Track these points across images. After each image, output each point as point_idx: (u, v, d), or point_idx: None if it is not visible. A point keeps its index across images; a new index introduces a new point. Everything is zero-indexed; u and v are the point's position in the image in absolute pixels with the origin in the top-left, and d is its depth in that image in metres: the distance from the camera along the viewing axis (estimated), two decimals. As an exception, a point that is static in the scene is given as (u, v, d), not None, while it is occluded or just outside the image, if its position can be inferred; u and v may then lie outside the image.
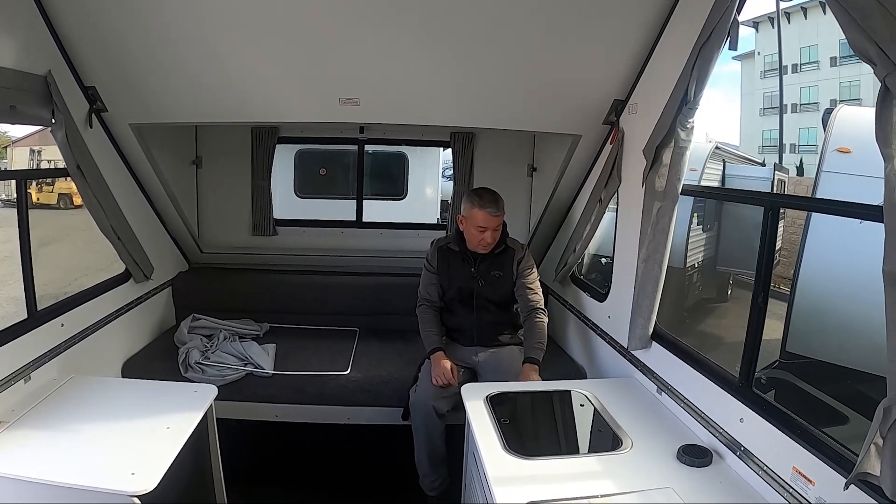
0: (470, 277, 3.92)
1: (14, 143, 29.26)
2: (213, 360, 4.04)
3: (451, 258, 3.98)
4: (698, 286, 10.59)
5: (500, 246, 3.88)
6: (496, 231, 3.77)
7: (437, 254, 4.02)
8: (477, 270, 3.91)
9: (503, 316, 4.04)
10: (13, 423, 2.75)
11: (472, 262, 3.91)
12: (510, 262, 3.92)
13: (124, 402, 3.03)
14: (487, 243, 3.79)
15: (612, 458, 2.67)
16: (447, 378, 3.66)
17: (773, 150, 27.85)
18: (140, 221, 4.24)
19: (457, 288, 3.98)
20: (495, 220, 3.72)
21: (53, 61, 3.29)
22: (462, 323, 4.04)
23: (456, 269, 3.96)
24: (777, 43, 27.30)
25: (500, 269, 3.92)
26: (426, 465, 3.77)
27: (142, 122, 3.94)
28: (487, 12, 3.26)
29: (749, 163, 13.61)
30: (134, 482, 2.33)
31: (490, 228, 3.73)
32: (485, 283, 3.92)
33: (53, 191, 19.65)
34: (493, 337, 4.02)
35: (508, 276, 3.91)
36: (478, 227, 3.73)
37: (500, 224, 3.78)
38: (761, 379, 4.88)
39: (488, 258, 3.89)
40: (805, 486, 2.18)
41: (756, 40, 35.38)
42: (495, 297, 3.96)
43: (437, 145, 5.88)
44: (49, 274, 3.32)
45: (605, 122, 3.91)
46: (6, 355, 2.92)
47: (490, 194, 3.76)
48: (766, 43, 33.76)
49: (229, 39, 3.44)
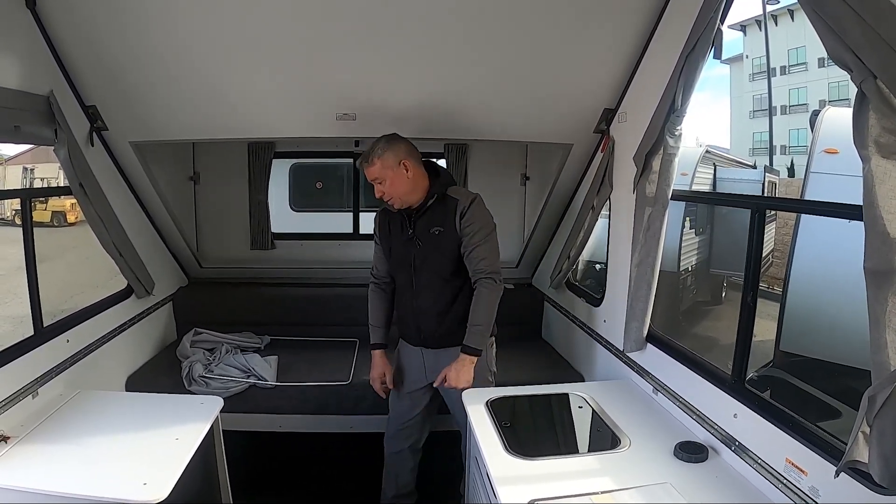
0: (407, 240, 3.32)
1: (6, 161, 29.20)
2: (217, 372, 4.09)
3: (391, 220, 3.43)
4: (693, 289, 10.64)
5: (431, 195, 3.26)
6: (380, 183, 3.18)
7: (380, 220, 3.53)
8: (414, 230, 3.30)
9: (455, 298, 3.35)
10: (23, 437, 2.79)
11: (409, 222, 3.31)
12: (451, 214, 3.24)
13: (132, 415, 3.08)
14: (383, 198, 3.25)
15: (611, 456, 2.73)
16: (375, 389, 3.51)
17: (764, 152, 27.93)
18: (141, 237, 4.29)
19: (397, 258, 3.41)
20: (366, 172, 3.21)
21: (55, 81, 3.35)
22: (405, 308, 3.47)
23: (395, 232, 3.40)
24: (764, 45, 27.44)
25: (441, 224, 3.25)
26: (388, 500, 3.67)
27: (141, 140, 3.99)
28: (479, 28, 3.33)
29: (739, 166, 13.69)
30: (146, 492, 2.37)
31: (371, 182, 3.22)
32: (424, 245, 3.28)
33: (47, 208, 19.68)
34: (441, 330, 3.37)
35: (451, 234, 3.23)
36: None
37: (375, 176, 3.17)
38: (757, 378, 4.96)
39: (426, 213, 3.28)
40: (798, 476, 2.25)
41: (744, 43, 35.53)
42: (440, 265, 3.29)
43: (431, 157, 5.94)
44: (45, 291, 3.35)
45: (596, 131, 3.97)
46: (14, 372, 2.97)
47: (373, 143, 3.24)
48: (754, 46, 33.87)
49: (226, 57, 3.50)
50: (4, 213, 21.17)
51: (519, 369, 4.25)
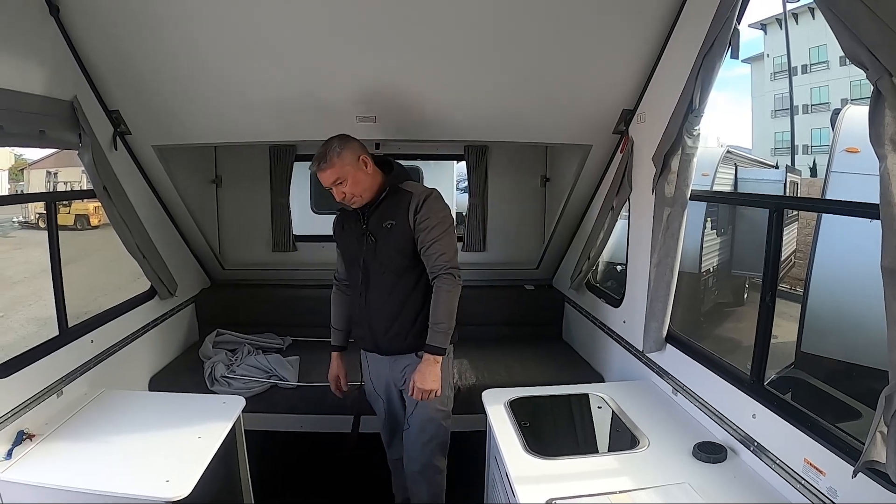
0: (360, 235, 3.19)
1: (30, 165, 29.56)
2: (239, 373, 4.13)
3: (346, 218, 3.34)
4: (714, 291, 10.55)
5: (383, 189, 3.14)
6: (341, 184, 3.05)
7: (337, 219, 3.43)
8: (367, 224, 3.18)
9: (407, 298, 3.18)
10: (47, 435, 2.86)
11: (362, 217, 3.20)
12: (404, 207, 3.11)
13: (155, 414, 3.13)
14: (346, 199, 3.10)
15: (630, 456, 2.74)
16: (333, 390, 3.55)
17: (787, 152, 27.67)
18: (164, 240, 4.35)
19: (350, 255, 3.31)
20: (323, 175, 3.05)
21: (79, 87, 3.41)
22: (357, 307, 3.34)
23: (349, 229, 3.29)
24: (785, 44, 27.19)
25: (393, 218, 3.12)
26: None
27: (164, 144, 4.04)
28: (499, 30, 3.34)
29: (761, 166, 13.57)
30: (169, 489, 2.43)
31: (330, 186, 3.08)
32: (377, 241, 3.15)
33: (70, 212, 19.80)
34: (392, 332, 3.21)
35: (403, 227, 3.10)
36: (326, 188, 3.12)
37: (336, 177, 3.03)
38: (778, 380, 4.92)
39: (378, 207, 3.16)
40: (816, 476, 2.25)
41: (764, 42, 35.17)
42: (391, 260, 3.14)
43: (451, 159, 5.95)
44: (68, 294, 3.42)
45: (615, 132, 3.96)
46: (39, 371, 3.03)
47: (320, 148, 3.09)
48: (775, 44, 33.54)
49: (247, 62, 3.53)
50: (29, 216, 21.42)
51: (539, 370, 4.29)
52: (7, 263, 14.54)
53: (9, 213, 20.92)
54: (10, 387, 2.82)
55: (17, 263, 14.20)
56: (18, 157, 31.58)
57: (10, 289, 12.54)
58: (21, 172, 30.80)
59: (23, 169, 30.95)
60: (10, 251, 16.27)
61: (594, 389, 3.46)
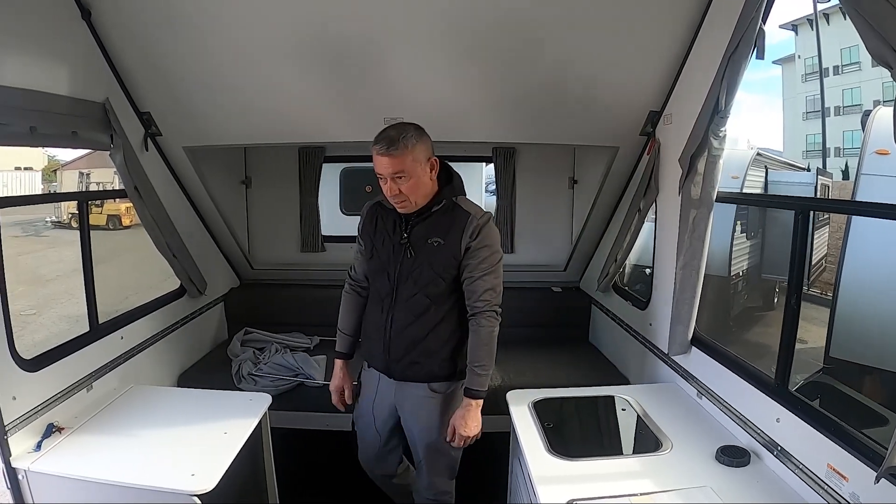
0: (398, 245, 2.86)
1: (63, 166, 29.97)
2: (266, 371, 4.18)
3: (382, 218, 2.96)
4: (744, 295, 10.45)
5: (439, 201, 2.82)
6: (401, 179, 2.68)
7: (368, 212, 3.06)
8: (409, 235, 2.84)
9: (435, 326, 2.88)
10: (77, 428, 2.93)
11: (405, 225, 2.85)
12: (458, 228, 2.79)
13: (183, 409, 3.19)
14: (396, 197, 2.74)
15: (652, 459, 2.74)
16: (334, 402, 3.21)
17: (818, 154, 27.32)
18: (194, 240, 4.42)
19: (380, 262, 2.93)
20: (387, 161, 2.65)
21: (110, 89, 3.50)
22: (374, 323, 3.00)
23: (384, 233, 2.93)
24: (816, 45, 26.86)
25: (442, 236, 2.79)
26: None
27: (194, 145, 4.11)
28: (526, 31, 3.35)
29: (792, 168, 13.43)
30: (194, 482, 2.48)
31: (387, 176, 2.69)
32: (416, 255, 2.83)
33: (102, 212, 20.10)
34: (409, 358, 2.91)
35: (453, 249, 2.78)
36: (378, 174, 2.74)
37: (401, 169, 2.66)
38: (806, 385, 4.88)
39: (427, 219, 2.83)
40: (839, 482, 2.24)
41: (796, 43, 34.74)
42: (429, 282, 2.83)
43: (479, 161, 5.96)
44: (100, 293, 3.48)
45: (642, 134, 3.94)
46: (70, 366, 3.11)
47: (389, 128, 2.70)
48: (806, 45, 33.09)
49: (276, 64, 3.58)
50: (61, 216, 21.74)
51: (565, 372, 4.29)
52: (40, 262, 14.77)
53: (42, 213, 21.25)
54: (41, 381, 2.89)
55: (50, 262, 14.43)
56: (52, 158, 32.11)
57: (44, 287, 12.75)
58: (54, 173, 31.28)
59: (56, 170, 31.42)
60: (43, 250, 16.53)
61: (619, 392, 3.45)
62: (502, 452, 3.44)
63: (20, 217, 19.45)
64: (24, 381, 2.78)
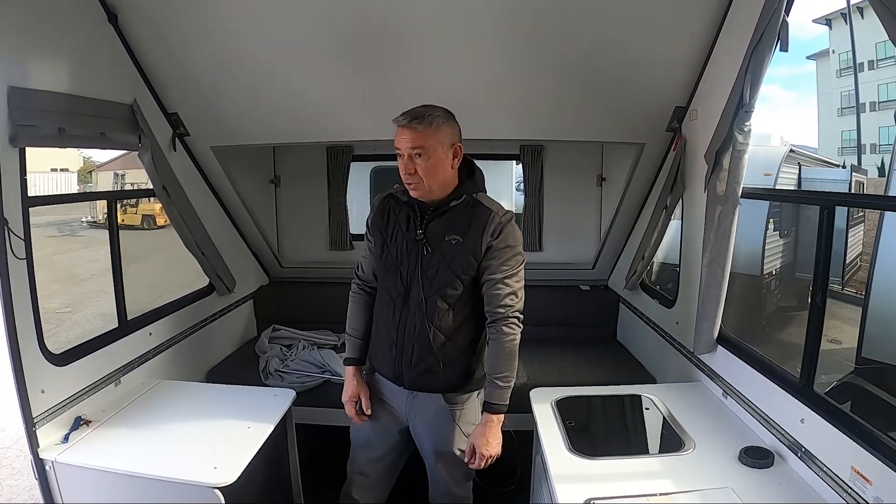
0: (413, 241, 2.65)
1: (99, 167, 30.40)
2: (293, 367, 4.21)
3: (395, 212, 2.75)
4: (777, 294, 10.33)
5: (458, 196, 2.64)
6: (420, 157, 2.52)
7: (379, 205, 2.83)
8: (424, 231, 2.64)
9: (452, 332, 2.68)
10: (104, 422, 3.01)
11: (420, 220, 2.66)
12: (479, 225, 2.60)
13: (208, 404, 3.25)
14: (410, 177, 2.57)
15: (674, 459, 2.71)
16: (349, 413, 2.92)
17: (853, 151, 26.88)
18: (223, 238, 4.48)
19: (392, 259, 2.70)
20: (408, 135, 2.51)
21: (138, 91, 3.56)
22: (385, 326, 2.78)
23: (397, 227, 2.71)
24: (850, 39, 26.43)
25: (461, 234, 2.60)
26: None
27: (222, 145, 4.16)
28: (551, 28, 3.35)
29: (825, 165, 13.24)
30: (216, 475, 2.54)
31: (405, 151, 2.53)
32: (433, 253, 2.62)
33: (137, 212, 20.39)
34: (423, 367, 2.70)
35: (472, 247, 2.59)
36: (396, 150, 2.58)
37: (420, 145, 2.50)
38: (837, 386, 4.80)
39: (445, 214, 2.63)
40: (863, 485, 2.20)
41: (829, 38, 34.17)
42: (446, 282, 2.61)
43: (508, 159, 5.95)
44: (134, 291, 3.55)
45: (668, 130, 3.91)
46: (98, 360, 3.19)
47: (418, 106, 2.58)
48: (840, 40, 32.55)
49: (301, 64, 3.62)
50: (97, 216, 22.05)
51: (591, 370, 4.28)
52: (76, 262, 14.98)
53: (78, 214, 21.56)
54: (70, 375, 2.96)
55: (85, 262, 14.63)
56: (87, 159, 32.57)
57: (79, 286, 12.93)
58: (90, 174, 31.72)
59: (91, 171, 31.88)
60: (79, 250, 16.76)
61: (643, 391, 3.43)
62: (526, 451, 3.42)
63: (56, 217, 19.74)
64: (53, 375, 2.85)
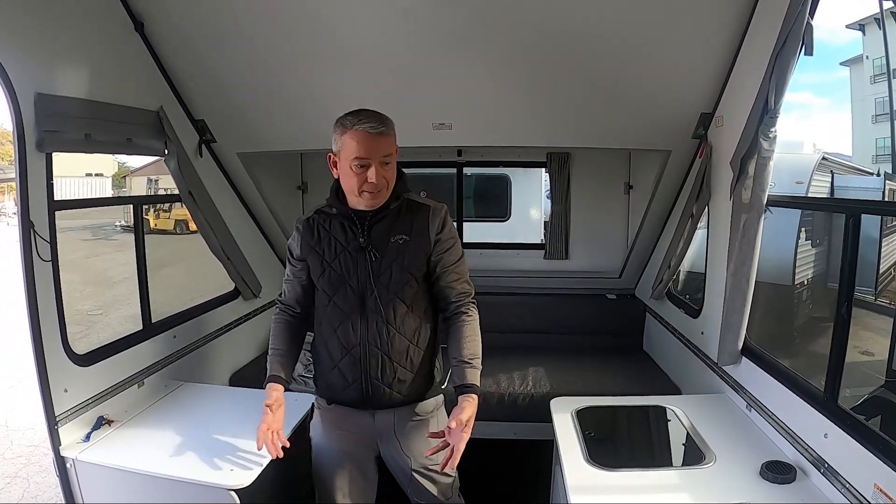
0: (356, 250, 2.49)
1: (132, 173, 30.94)
2: (316, 373, 4.20)
3: (326, 227, 2.58)
4: (808, 304, 10.19)
5: (396, 196, 2.52)
6: (386, 164, 2.41)
7: (304, 228, 2.63)
8: (368, 237, 2.49)
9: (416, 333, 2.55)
10: (125, 422, 3.07)
11: (359, 227, 2.50)
12: (422, 221, 2.54)
13: (228, 407, 3.29)
14: (374, 186, 2.39)
15: (693, 472, 2.68)
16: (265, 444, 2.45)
17: (888, 158, 26.46)
18: (249, 243, 4.53)
19: (337, 274, 2.52)
20: (379, 141, 2.38)
21: (164, 98, 3.62)
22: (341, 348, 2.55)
23: (334, 241, 2.54)
24: (883, 45, 26.03)
25: (406, 232, 2.51)
26: None
27: (248, 151, 4.21)
28: (574, 35, 3.35)
29: (859, 173, 13.04)
30: (232, 477, 2.57)
31: (374, 159, 2.36)
32: (382, 257, 2.49)
33: (170, 217, 20.68)
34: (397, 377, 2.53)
35: (422, 244, 2.52)
36: (355, 159, 2.37)
37: (390, 152, 2.41)
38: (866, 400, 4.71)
39: (385, 217, 2.51)
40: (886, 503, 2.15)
41: (863, 43, 33.65)
42: (402, 284, 2.49)
43: (536, 166, 5.95)
44: (164, 294, 3.61)
45: (694, 137, 3.88)
46: (122, 362, 3.25)
47: (362, 110, 2.46)
48: (875, 46, 32.04)
49: (326, 71, 3.64)
50: (130, 220, 22.36)
51: (614, 380, 4.26)
52: (109, 265, 15.13)
53: (112, 218, 21.86)
54: (93, 375, 3.02)
55: (118, 265, 14.76)
56: (122, 164, 33.08)
57: (111, 289, 13.07)
58: (123, 179, 32.24)
59: (125, 176, 32.39)
60: (111, 253, 16.92)
61: (665, 402, 3.38)
62: (547, 461, 3.40)
63: (90, 221, 19.99)
64: (77, 375, 2.91)
